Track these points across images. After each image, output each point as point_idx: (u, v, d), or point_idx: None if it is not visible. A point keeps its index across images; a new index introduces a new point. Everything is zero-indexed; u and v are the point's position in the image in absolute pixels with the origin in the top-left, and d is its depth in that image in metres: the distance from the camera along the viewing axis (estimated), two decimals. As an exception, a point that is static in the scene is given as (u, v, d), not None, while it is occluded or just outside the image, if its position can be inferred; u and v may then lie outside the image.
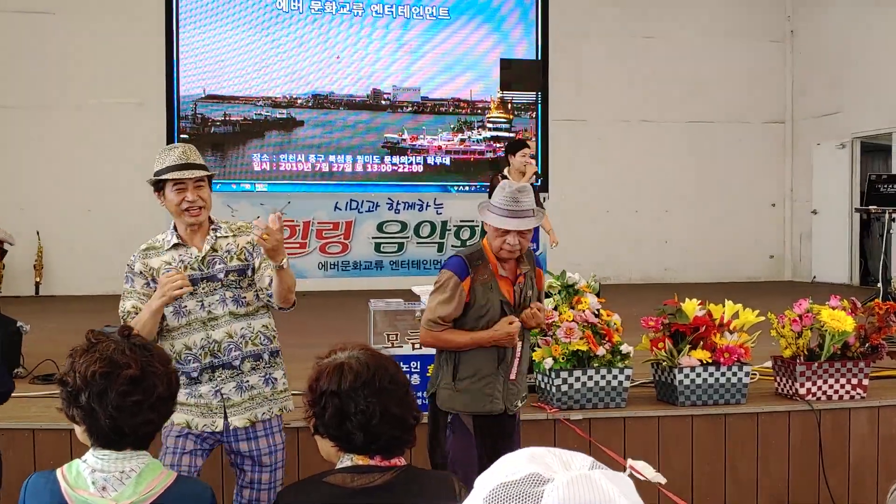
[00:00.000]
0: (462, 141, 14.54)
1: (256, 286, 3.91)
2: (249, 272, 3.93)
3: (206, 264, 3.89)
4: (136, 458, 2.42)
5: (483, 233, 4.28)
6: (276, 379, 3.96)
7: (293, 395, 3.95)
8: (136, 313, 3.80)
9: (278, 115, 14.04)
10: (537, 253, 5.95)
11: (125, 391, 2.35)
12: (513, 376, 4.18)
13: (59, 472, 2.42)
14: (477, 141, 14.59)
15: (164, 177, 3.80)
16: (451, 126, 14.53)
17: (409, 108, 14.42)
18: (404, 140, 14.39)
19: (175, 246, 3.91)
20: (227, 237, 3.93)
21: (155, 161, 3.85)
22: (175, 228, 3.92)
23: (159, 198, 3.88)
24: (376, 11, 14.20)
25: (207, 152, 13.80)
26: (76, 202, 13.26)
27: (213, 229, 3.92)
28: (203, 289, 3.88)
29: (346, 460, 2.59)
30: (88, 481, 2.37)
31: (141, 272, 3.91)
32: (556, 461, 1.17)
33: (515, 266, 4.18)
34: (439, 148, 14.51)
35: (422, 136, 14.44)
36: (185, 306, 3.86)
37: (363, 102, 14.29)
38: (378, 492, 2.48)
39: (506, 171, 8.66)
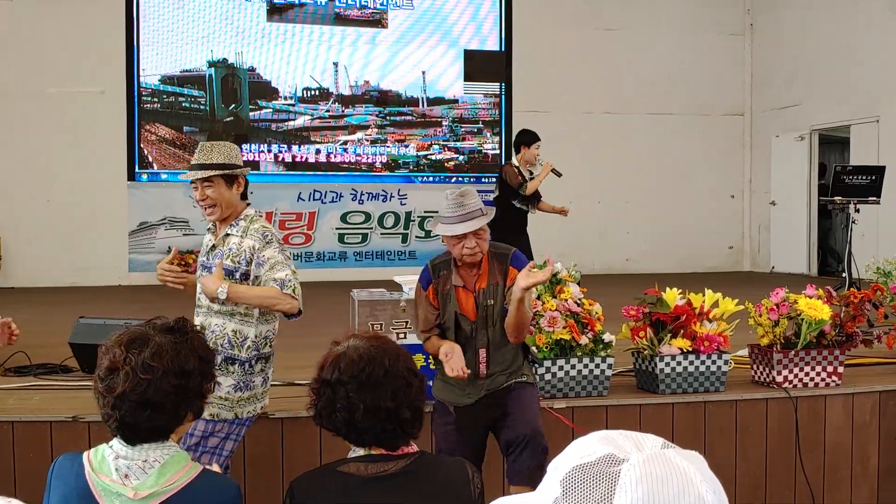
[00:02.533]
0: (425, 133, 14.54)
1: None
2: (238, 276, 3.95)
3: (211, 255, 4.07)
4: (162, 449, 2.39)
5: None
6: (218, 383, 3.95)
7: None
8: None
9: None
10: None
11: (100, 377, 2.36)
12: (482, 374, 4.30)
13: (85, 455, 2.41)
14: (441, 134, 14.59)
15: (188, 177, 4.07)
16: (414, 117, 14.52)
17: (373, 98, 14.38)
18: (368, 131, 14.35)
19: (209, 229, 4.19)
20: (236, 236, 4.02)
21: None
22: None
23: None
24: (339, 1, 14.12)
25: (167, 143, 13.66)
26: (35, 192, 13.05)
27: (231, 224, 4.06)
28: (203, 276, 4.03)
29: (359, 449, 2.58)
30: (112, 467, 2.35)
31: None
32: (628, 442, 1.18)
33: (474, 272, 4.26)
34: (403, 139, 14.49)
35: (385, 128, 14.40)
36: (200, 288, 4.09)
37: (326, 92, 14.22)
38: (392, 479, 2.50)
39: (514, 160, 8.71)
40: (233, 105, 13.96)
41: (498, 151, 14.68)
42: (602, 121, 15.02)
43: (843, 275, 9.34)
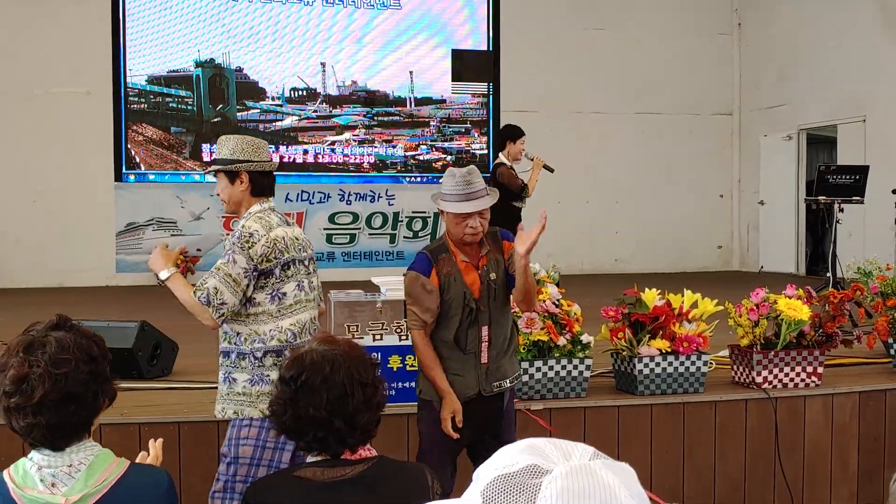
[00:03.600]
0: (413, 133, 14.53)
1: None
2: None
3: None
4: (84, 450, 2.35)
5: (435, 224, 4.26)
6: (234, 379, 3.95)
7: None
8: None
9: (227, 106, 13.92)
10: None
11: (8, 392, 2.28)
12: (485, 360, 4.18)
13: (5, 473, 2.35)
14: (429, 134, 14.57)
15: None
16: (401, 117, 14.51)
17: (360, 99, 14.36)
18: (355, 131, 14.33)
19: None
20: (233, 231, 4.03)
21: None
22: None
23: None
24: (326, 0, 14.10)
25: (155, 144, 13.63)
26: (21, 193, 13.01)
27: (236, 220, 4.16)
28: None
29: (316, 454, 2.57)
30: (36, 479, 2.31)
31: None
32: (555, 452, 1.13)
33: (477, 250, 4.20)
34: (390, 140, 14.47)
35: (373, 128, 14.39)
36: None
37: (314, 93, 14.20)
38: (347, 485, 2.47)
39: (502, 157, 8.65)
40: (220, 105, 13.93)
41: (486, 151, 14.66)
42: (590, 120, 15.01)
43: (828, 275, 9.34)
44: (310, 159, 14.12)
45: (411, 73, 14.50)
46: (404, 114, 14.52)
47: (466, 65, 14.66)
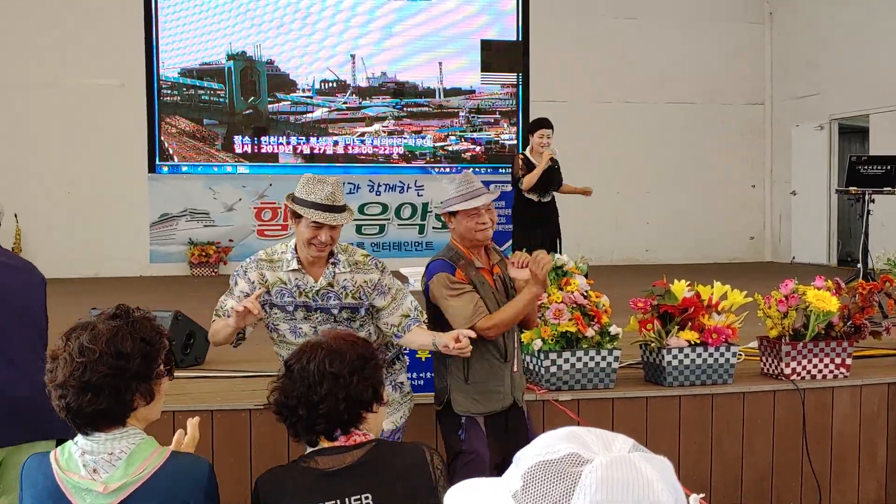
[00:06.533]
0: (442, 124, 14.56)
1: (376, 321, 4.01)
2: (363, 311, 3.95)
3: (322, 297, 3.90)
4: (127, 438, 2.39)
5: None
6: (402, 383, 4.19)
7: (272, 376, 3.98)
8: (226, 315, 3.87)
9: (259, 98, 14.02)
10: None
11: (65, 377, 2.34)
12: (515, 368, 4.28)
13: (52, 454, 2.41)
14: (458, 124, 14.60)
15: (309, 216, 3.75)
16: (430, 108, 14.54)
17: (389, 90, 14.41)
18: (385, 122, 14.39)
19: (294, 270, 3.89)
20: (344, 273, 3.91)
21: (301, 184, 3.84)
22: (296, 250, 3.90)
23: (292, 219, 3.87)
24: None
25: (188, 136, 13.76)
26: (56, 184, 13.17)
27: (332, 263, 3.89)
28: (317, 317, 3.93)
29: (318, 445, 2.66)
30: (79, 464, 2.36)
31: (252, 280, 3.92)
32: (596, 442, 1.16)
33: (488, 257, 4.29)
34: (419, 130, 14.51)
35: (402, 119, 14.43)
36: (301, 328, 3.92)
37: (344, 84, 14.27)
38: (348, 472, 2.56)
39: (526, 152, 8.63)
40: (252, 98, 14.03)
41: (515, 142, 14.68)
42: (621, 110, 14.97)
43: (858, 266, 9.28)
44: (339, 150, 14.20)
45: (440, 63, 14.53)
46: (433, 104, 14.56)
47: (496, 55, 14.67)
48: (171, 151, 13.74)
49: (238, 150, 13.86)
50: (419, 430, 4.46)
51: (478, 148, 14.65)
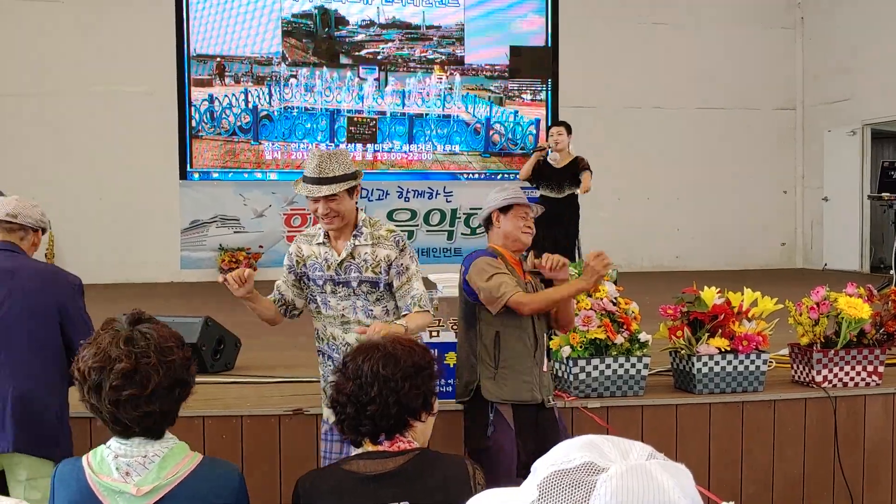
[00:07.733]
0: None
1: (393, 300, 3.99)
2: (381, 286, 3.95)
3: (344, 269, 3.95)
4: (160, 442, 2.41)
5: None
6: None
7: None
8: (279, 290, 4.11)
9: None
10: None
11: (118, 386, 2.32)
12: (545, 367, 4.31)
13: (84, 458, 2.43)
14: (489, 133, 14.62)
15: (297, 191, 3.91)
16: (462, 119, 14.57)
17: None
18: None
19: (321, 243, 3.99)
20: (366, 245, 3.93)
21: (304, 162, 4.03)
22: None
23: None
24: (386, -1, 14.22)
25: (217, 141, 13.83)
26: (87, 190, 13.28)
27: (354, 235, 3.93)
28: (340, 292, 3.98)
29: (362, 447, 2.67)
30: (112, 467, 2.37)
31: (292, 253, 4.09)
32: (613, 450, 1.15)
33: (520, 265, 4.36)
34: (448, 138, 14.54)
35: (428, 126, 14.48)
36: (328, 301, 4.00)
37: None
38: (389, 478, 2.55)
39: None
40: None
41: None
42: (651, 116, 14.90)
43: (891, 272, 9.19)
44: (368, 157, 14.24)
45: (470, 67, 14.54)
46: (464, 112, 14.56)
47: (525, 60, 14.65)
48: (201, 158, 13.83)
49: (268, 156, 13.95)
50: (440, 436, 4.42)
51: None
